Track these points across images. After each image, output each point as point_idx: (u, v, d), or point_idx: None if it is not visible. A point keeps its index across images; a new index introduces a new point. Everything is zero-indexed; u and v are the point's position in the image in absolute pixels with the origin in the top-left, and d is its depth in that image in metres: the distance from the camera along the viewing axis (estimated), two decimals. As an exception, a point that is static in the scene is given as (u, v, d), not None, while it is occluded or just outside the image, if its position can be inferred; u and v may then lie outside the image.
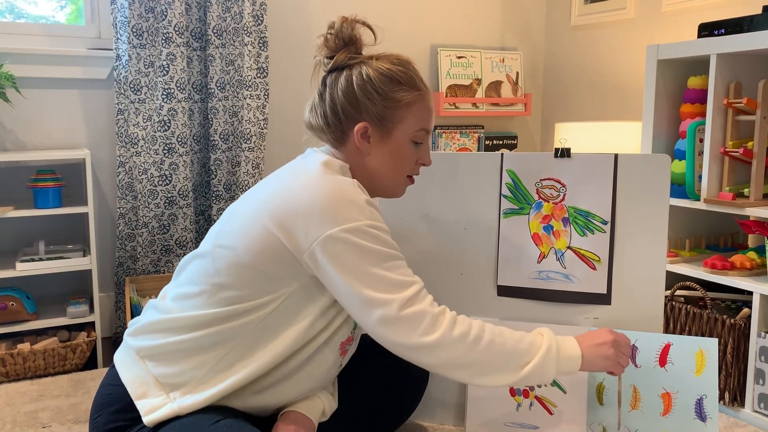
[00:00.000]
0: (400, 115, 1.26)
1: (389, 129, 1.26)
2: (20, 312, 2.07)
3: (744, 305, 1.92)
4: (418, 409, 1.68)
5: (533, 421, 1.58)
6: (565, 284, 1.60)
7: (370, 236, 1.13)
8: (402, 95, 1.26)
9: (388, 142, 1.27)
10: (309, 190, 1.15)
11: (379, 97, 1.25)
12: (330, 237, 1.11)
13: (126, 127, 2.30)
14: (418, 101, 1.28)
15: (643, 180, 1.56)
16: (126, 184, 2.33)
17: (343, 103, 1.26)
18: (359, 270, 1.12)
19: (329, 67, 1.29)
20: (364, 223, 1.13)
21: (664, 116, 2.08)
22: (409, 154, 1.29)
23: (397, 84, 1.26)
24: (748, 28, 1.82)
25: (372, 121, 1.25)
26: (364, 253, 1.12)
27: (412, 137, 1.28)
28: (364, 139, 1.26)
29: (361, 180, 1.28)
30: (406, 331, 1.12)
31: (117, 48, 2.28)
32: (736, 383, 1.79)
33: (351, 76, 1.26)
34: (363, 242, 1.12)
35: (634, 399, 1.50)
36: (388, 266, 1.13)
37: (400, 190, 1.34)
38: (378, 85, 1.25)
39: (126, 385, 1.19)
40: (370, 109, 1.25)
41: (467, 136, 2.97)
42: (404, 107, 1.26)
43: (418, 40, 2.89)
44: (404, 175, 1.31)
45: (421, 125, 1.29)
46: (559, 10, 3.06)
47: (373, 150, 1.27)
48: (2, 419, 1.75)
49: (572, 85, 3.01)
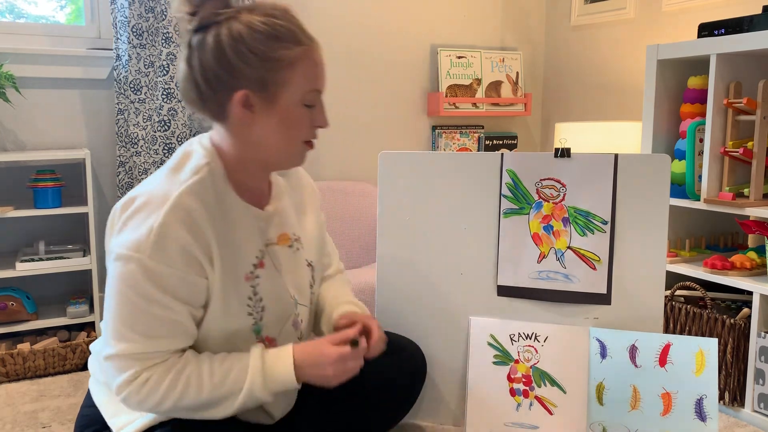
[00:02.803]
0: (285, 76, 1.09)
1: (274, 94, 1.09)
2: (20, 312, 2.07)
3: (744, 305, 1.92)
4: (417, 409, 1.68)
5: (533, 421, 1.58)
6: (565, 284, 1.60)
7: (130, 272, 1.04)
8: (283, 53, 1.08)
9: (275, 108, 1.10)
10: (130, 196, 1.10)
11: (257, 59, 1.07)
12: (111, 251, 1.07)
13: (126, 127, 2.30)
14: (304, 58, 1.10)
15: (643, 180, 1.56)
16: (126, 183, 2.33)
17: (216, 69, 1.08)
18: (109, 299, 1.07)
19: (194, 26, 1.09)
20: (135, 256, 1.03)
21: (664, 116, 2.08)
22: (302, 118, 1.13)
23: (276, 40, 1.08)
24: (748, 28, 1.82)
25: (252, 87, 1.08)
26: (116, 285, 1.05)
27: (302, 100, 1.11)
28: (246, 109, 1.10)
29: (249, 156, 1.15)
30: (109, 378, 1.09)
31: (117, 48, 2.28)
32: (736, 383, 1.79)
33: (220, 36, 1.07)
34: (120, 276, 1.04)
35: (634, 399, 1.50)
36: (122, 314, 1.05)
37: (298, 159, 1.18)
38: (253, 45, 1.07)
39: (98, 406, 1.20)
40: (248, 74, 1.07)
41: (467, 136, 2.97)
42: (288, 67, 1.09)
43: (418, 40, 2.89)
44: (300, 142, 1.15)
45: (311, 85, 1.12)
46: (559, 10, 3.06)
47: (259, 120, 1.11)
48: (2, 419, 1.75)
49: (572, 85, 3.01)
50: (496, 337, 1.62)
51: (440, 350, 1.67)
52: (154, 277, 1.04)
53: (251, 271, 1.17)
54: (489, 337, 1.62)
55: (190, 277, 1.07)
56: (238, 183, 1.17)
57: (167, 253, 1.04)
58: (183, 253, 1.05)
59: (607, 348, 1.53)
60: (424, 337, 1.66)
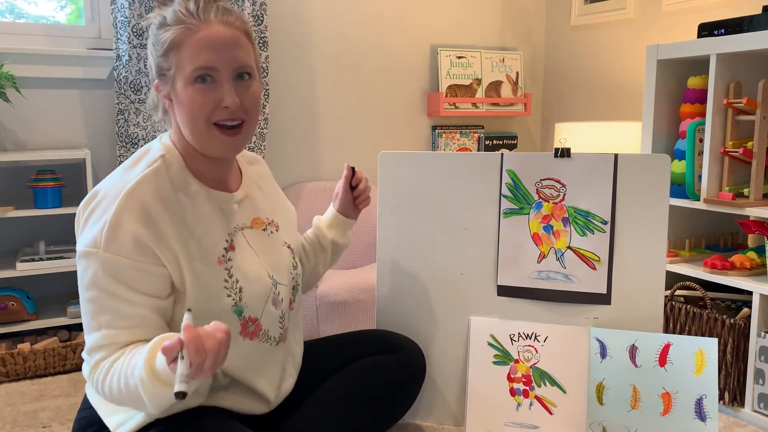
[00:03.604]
0: (173, 59, 1.11)
1: (172, 78, 1.12)
2: (20, 312, 2.07)
3: (744, 305, 1.92)
4: (417, 409, 1.68)
5: (533, 421, 1.58)
6: (565, 284, 1.60)
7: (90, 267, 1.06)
8: (165, 36, 1.11)
9: (177, 93, 1.12)
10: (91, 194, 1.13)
11: (153, 48, 1.13)
12: (77, 252, 1.09)
13: (126, 127, 2.30)
14: (185, 36, 1.10)
15: (643, 180, 1.56)
16: (126, 184, 2.33)
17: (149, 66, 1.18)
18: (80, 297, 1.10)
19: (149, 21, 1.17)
20: (92, 251, 1.06)
21: (664, 116, 2.08)
22: (195, 97, 1.10)
23: (162, 27, 1.12)
24: (748, 28, 1.82)
25: (158, 76, 1.14)
26: (80, 282, 1.08)
27: (192, 78, 1.10)
28: (165, 98, 1.15)
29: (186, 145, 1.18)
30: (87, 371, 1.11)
31: (117, 48, 2.28)
32: (736, 383, 1.79)
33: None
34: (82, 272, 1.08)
35: (634, 399, 1.50)
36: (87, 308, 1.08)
37: (215, 144, 1.14)
38: (151, 36, 1.14)
39: (95, 408, 1.20)
40: (153, 65, 1.14)
41: (467, 136, 2.97)
42: (173, 49, 1.10)
43: (418, 40, 2.89)
44: (203, 124, 1.12)
45: (197, 62, 1.09)
46: (559, 10, 3.06)
47: (175, 107, 1.15)
48: (2, 419, 1.75)
49: (572, 85, 3.01)
50: (496, 337, 1.62)
51: (440, 350, 1.67)
52: (111, 270, 1.06)
53: (222, 254, 1.19)
54: (489, 337, 1.62)
55: (146, 267, 1.08)
56: (197, 172, 1.20)
57: (120, 243, 1.06)
58: (135, 243, 1.07)
59: (607, 348, 1.53)
60: (424, 336, 1.66)
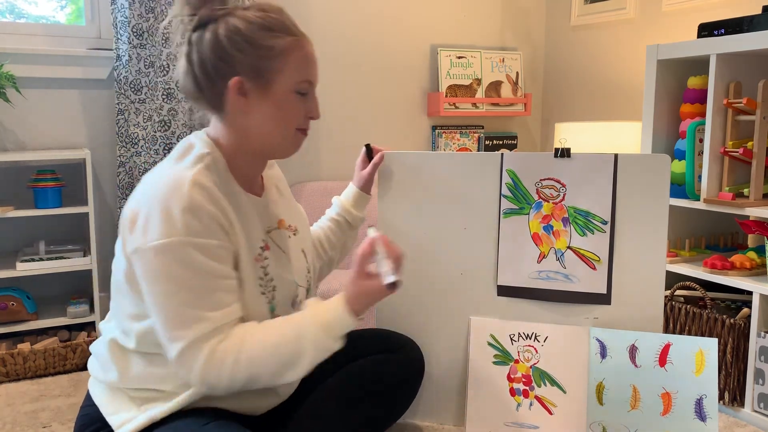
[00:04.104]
0: (278, 64, 1.15)
1: (268, 80, 1.15)
2: (20, 312, 2.07)
3: (744, 305, 1.92)
4: (417, 409, 1.68)
5: (533, 421, 1.58)
6: (565, 284, 1.60)
7: (179, 258, 1.05)
8: (275, 42, 1.15)
9: (269, 95, 1.16)
10: (138, 191, 1.12)
11: (251, 47, 1.14)
12: (138, 252, 1.07)
13: (126, 127, 2.30)
14: (295, 48, 1.16)
15: (643, 180, 1.56)
16: (126, 184, 2.33)
17: (213, 60, 1.14)
18: (160, 296, 1.07)
19: (194, 25, 1.16)
20: (173, 240, 1.04)
21: (664, 116, 2.08)
22: (295, 105, 1.18)
23: (269, 31, 1.15)
24: (748, 28, 1.82)
25: (247, 74, 1.14)
26: (167, 279, 1.05)
27: (294, 88, 1.17)
28: (241, 95, 1.15)
29: (247, 145, 1.20)
30: (186, 371, 1.09)
31: (117, 48, 2.28)
32: (736, 383, 1.79)
33: (217, 30, 1.14)
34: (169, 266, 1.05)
35: (634, 399, 1.50)
36: (187, 299, 1.06)
37: (292, 147, 1.22)
38: (247, 34, 1.14)
39: (98, 405, 1.20)
40: (242, 62, 1.14)
41: (467, 136, 2.97)
42: (280, 55, 1.15)
43: (418, 40, 2.89)
44: (293, 130, 1.20)
45: (303, 75, 1.18)
46: (559, 10, 3.06)
47: (254, 106, 1.16)
48: (2, 419, 1.75)
49: (572, 85, 3.01)
50: (496, 337, 1.62)
51: (440, 350, 1.67)
52: (200, 250, 1.06)
53: (259, 253, 1.21)
54: (489, 337, 1.62)
55: (227, 245, 1.11)
56: (236, 173, 1.21)
57: (202, 225, 1.07)
58: (214, 222, 1.09)
59: (607, 348, 1.53)
60: (424, 336, 1.66)
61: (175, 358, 1.08)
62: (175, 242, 1.05)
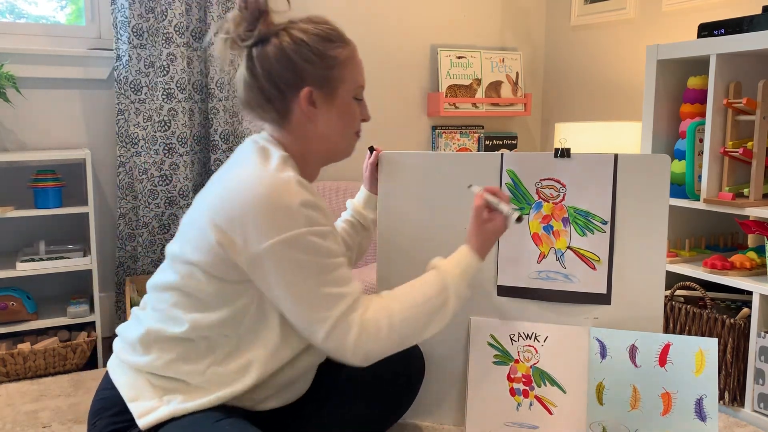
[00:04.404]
0: (341, 73, 1.24)
1: (334, 89, 1.24)
2: (20, 312, 2.07)
3: (744, 305, 1.92)
4: (417, 409, 1.68)
5: (533, 421, 1.58)
6: (565, 284, 1.60)
7: (305, 246, 1.11)
8: (338, 52, 1.23)
9: (335, 102, 1.24)
10: (243, 193, 1.12)
11: (318, 58, 1.21)
12: (266, 249, 1.10)
13: (126, 127, 2.30)
14: (352, 56, 1.26)
15: (643, 180, 1.56)
16: (126, 184, 2.33)
17: (281, 72, 1.21)
18: (296, 286, 1.11)
19: (253, 40, 1.22)
20: (299, 232, 1.10)
21: (664, 116, 2.08)
22: (355, 110, 1.28)
23: (330, 42, 1.23)
24: (748, 28, 1.82)
25: (315, 84, 1.22)
26: (298, 267, 1.11)
27: (353, 94, 1.27)
28: (310, 105, 1.22)
29: (311, 150, 1.26)
30: (339, 346, 1.14)
31: (117, 48, 2.28)
32: (736, 383, 1.79)
33: (281, 44, 1.20)
34: (298, 255, 1.10)
35: (634, 399, 1.50)
36: (322, 280, 1.12)
37: (351, 149, 1.33)
38: (314, 46, 1.21)
39: (119, 388, 1.20)
40: (311, 73, 1.21)
41: (467, 136, 2.97)
42: (342, 65, 1.24)
43: (418, 40, 2.89)
44: (353, 131, 1.30)
45: (359, 81, 1.28)
46: (559, 10, 3.06)
47: (321, 115, 1.24)
48: (2, 419, 1.75)
49: (572, 85, 3.01)
50: (496, 337, 1.62)
51: (440, 350, 1.67)
52: (320, 237, 1.13)
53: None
54: (489, 337, 1.62)
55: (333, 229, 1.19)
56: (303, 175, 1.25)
57: (316, 215, 1.13)
58: (322, 212, 1.16)
59: (607, 348, 1.54)
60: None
61: (324, 338, 1.13)
62: (302, 233, 1.10)
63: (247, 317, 1.19)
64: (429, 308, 1.22)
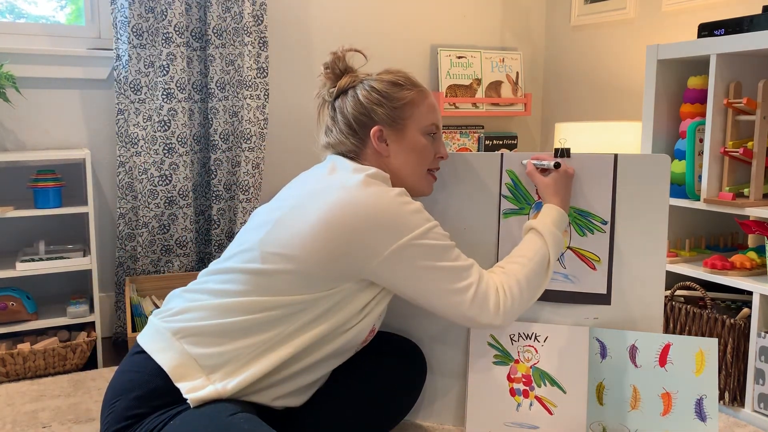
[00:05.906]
0: (408, 112, 1.39)
1: (402, 126, 1.38)
2: (20, 312, 2.07)
3: (744, 305, 1.92)
4: (417, 409, 1.68)
5: (533, 421, 1.58)
6: (565, 284, 1.60)
7: (433, 236, 1.26)
8: (405, 94, 1.39)
9: (404, 139, 1.38)
10: (371, 203, 1.23)
11: (386, 100, 1.38)
12: (403, 246, 1.23)
13: (126, 127, 2.30)
14: (421, 98, 1.41)
15: (643, 180, 1.56)
16: (126, 184, 2.33)
17: (355, 116, 1.38)
18: (434, 269, 1.25)
19: (335, 95, 1.42)
20: (426, 227, 1.25)
21: (664, 116, 2.08)
22: (426, 146, 1.40)
23: (398, 86, 1.40)
24: (748, 28, 1.82)
25: (384, 123, 1.37)
26: (433, 253, 1.25)
27: (423, 130, 1.40)
28: (381, 142, 1.37)
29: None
30: (482, 311, 1.28)
31: (117, 48, 2.28)
32: (736, 383, 1.79)
33: (356, 93, 1.39)
34: (430, 243, 1.25)
35: (634, 399, 1.50)
36: (452, 255, 1.27)
37: (426, 186, 1.45)
38: (383, 91, 1.38)
39: (163, 366, 1.18)
40: (380, 113, 1.37)
41: (467, 136, 2.97)
42: (410, 105, 1.39)
43: (418, 40, 2.89)
44: (425, 169, 1.42)
45: (429, 119, 1.40)
46: (559, 10, 3.06)
47: (392, 150, 1.38)
48: (2, 419, 1.75)
49: (572, 85, 3.01)
50: (496, 337, 1.62)
51: (440, 350, 1.67)
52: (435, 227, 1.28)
53: None
54: (489, 337, 1.62)
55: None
56: None
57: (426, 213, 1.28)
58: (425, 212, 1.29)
59: (607, 348, 1.53)
60: (424, 337, 1.66)
61: (469, 305, 1.27)
62: (426, 228, 1.26)
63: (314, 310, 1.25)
64: (540, 259, 1.37)
